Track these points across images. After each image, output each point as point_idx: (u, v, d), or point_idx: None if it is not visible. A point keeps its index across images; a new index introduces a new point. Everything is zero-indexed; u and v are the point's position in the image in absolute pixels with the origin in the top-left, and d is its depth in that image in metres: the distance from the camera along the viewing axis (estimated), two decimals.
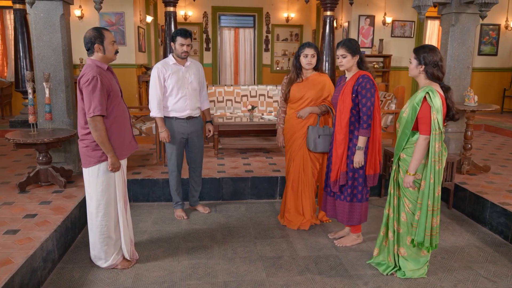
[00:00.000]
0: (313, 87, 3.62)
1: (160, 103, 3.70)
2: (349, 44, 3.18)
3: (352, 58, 3.18)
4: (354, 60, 3.19)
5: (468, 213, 4.15)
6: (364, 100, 3.11)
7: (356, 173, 3.26)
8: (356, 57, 3.19)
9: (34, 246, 2.82)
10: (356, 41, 3.25)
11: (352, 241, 3.50)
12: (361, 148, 3.16)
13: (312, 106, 3.63)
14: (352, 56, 3.17)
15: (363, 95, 3.11)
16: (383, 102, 5.84)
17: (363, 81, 3.13)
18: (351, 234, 3.53)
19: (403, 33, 9.53)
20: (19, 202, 3.69)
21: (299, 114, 3.63)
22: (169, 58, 3.75)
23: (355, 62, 3.21)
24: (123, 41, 8.62)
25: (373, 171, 3.26)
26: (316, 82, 3.63)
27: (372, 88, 3.11)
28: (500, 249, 3.46)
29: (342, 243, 3.48)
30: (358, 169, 3.25)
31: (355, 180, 3.28)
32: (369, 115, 3.11)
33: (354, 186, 3.30)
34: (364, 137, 3.15)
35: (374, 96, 3.12)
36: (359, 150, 3.17)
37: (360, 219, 3.37)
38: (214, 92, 6.75)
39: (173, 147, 3.83)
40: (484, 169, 4.80)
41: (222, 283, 2.89)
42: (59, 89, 4.46)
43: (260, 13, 12.06)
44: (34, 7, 4.24)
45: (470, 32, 4.99)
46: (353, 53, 3.17)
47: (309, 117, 3.65)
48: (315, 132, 3.58)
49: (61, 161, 4.53)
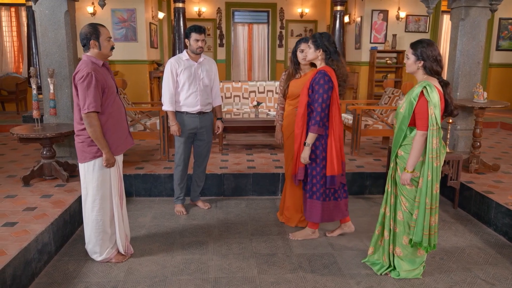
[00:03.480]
0: None
1: (172, 97, 3.74)
2: (314, 37, 3.15)
3: (314, 51, 3.15)
4: (316, 54, 3.15)
5: (473, 213, 4.03)
6: (316, 96, 3.08)
7: (313, 170, 3.23)
8: (318, 51, 3.14)
9: (29, 238, 2.88)
10: (324, 36, 3.16)
11: (305, 235, 3.46)
12: (308, 144, 3.13)
13: None
14: (314, 49, 3.15)
15: (316, 91, 3.08)
16: (391, 98, 5.72)
17: (318, 76, 3.09)
18: (307, 228, 3.48)
19: (418, 28, 9.32)
20: (21, 195, 3.78)
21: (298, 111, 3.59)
22: (183, 54, 3.79)
23: (318, 56, 3.16)
24: (134, 38, 8.71)
25: (332, 172, 3.17)
26: None
27: (325, 84, 3.06)
28: (503, 250, 3.35)
29: (295, 236, 3.46)
30: (315, 166, 3.21)
31: (313, 177, 3.25)
32: (319, 111, 3.08)
33: (312, 183, 3.27)
34: (312, 134, 3.12)
35: (327, 93, 3.06)
36: (306, 147, 3.15)
37: (312, 216, 3.33)
38: (222, 88, 6.74)
39: (182, 140, 3.86)
40: (493, 168, 4.66)
41: (212, 279, 2.88)
42: (64, 85, 4.53)
43: (274, 9, 11.99)
44: (39, 4, 4.31)
45: (480, 26, 4.83)
46: (316, 47, 3.13)
47: None
48: None
49: (65, 155, 4.61)
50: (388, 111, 5.48)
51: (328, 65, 3.16)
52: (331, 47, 3.14)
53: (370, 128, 5.40)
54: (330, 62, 3.16)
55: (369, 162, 5.02)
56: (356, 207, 4.26)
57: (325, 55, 3.16)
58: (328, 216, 3.34)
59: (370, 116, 5.96)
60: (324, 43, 3.13)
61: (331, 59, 3.15)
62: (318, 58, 3.18)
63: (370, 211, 4.18)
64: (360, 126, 5.26)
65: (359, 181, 4.62)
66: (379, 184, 4.63)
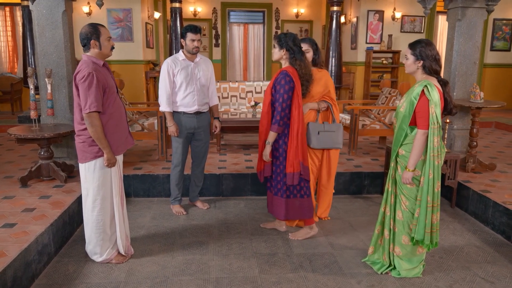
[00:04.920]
0: (312, 83, 3.54)
1: (169, 98, 3.73)
2: (278, 38, 3.24)
3: (279, 51, 3.22)
4: (280, 54, 3.24)
5: (470, 212, 4.07)
6: (278, 95, 3.18)
7: (277, 168, 3.33)
8: (282, 51, 3.22)
9: (29, 239, 2.86)
10: (289, 36, 3.23)
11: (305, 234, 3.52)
12: (269, 142, 3.25)
13: (312, 102, 3.59)
14: (279, 49, 3.21)
15: (277, 91, 3.19)
16: (388, 98, 5.75)
17: (279, 76, 3.20)
18: (305, 227, 3.55)
19: (413, 29, 9.37)
20: (19, 196, 3.75)
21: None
22: (179, 54, 3.78)
23: (283, 56, 3.25)
24: (130, 38, 8.67)
25: (292, 170, 3.25)
26: (315, 77, 3.55)
27: (286, 85, 3.15)
28: (501, 249, 3.39)
29: (295, 236, 3.52)
30: (279, 164, 3.31)
31: (277, 175, 3.35)
32: (279, 111, 3.16)
33: (277, 181, 3.36)
34: (273, 133, 3.21)
35: (287, 93, 3.16)
36: (267, 145, 3.26)
37: (279, 214, 3.41)
38: (219, 88, 6.72)
39: (180, 141, 3.85)
40: (489, 167, 4.70)
41: (214, 279, 2.88)
42: (61, 85, 4.50)
43: (269, 9, 12.00)
44: (36, 4, 4.28)
45: (477, 26, 4.87)
46: (280, 46, 3.22)
47: (309, 114, 3.60)
48: (315, 129, 3.54)
49: (63, 156, 4.59)
50: (386, 111, 5.51)
51: (292, 64, 3.25)
52: (295, 47, 3.23)
53: (368, 128, 5.43)
54: (293, 62, 3.24)
55: (366, 162, 5.04)
56: (354, 207, 4.28)
57: (289, 55, 3.24)
58: (293, 214, 3.41)
59: (367, 116, 5.98)
60: (288, 43, 3.22)
61: (295, 59, 3.23)
62: (282, 57, 3.27)
63: (368, 210, 4.20)
64: (357, 126, 5.28)
65: (357, 180, 4.64)
66: (377, 183, 4.66)
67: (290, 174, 3.26)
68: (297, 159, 3.25)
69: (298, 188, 3.35)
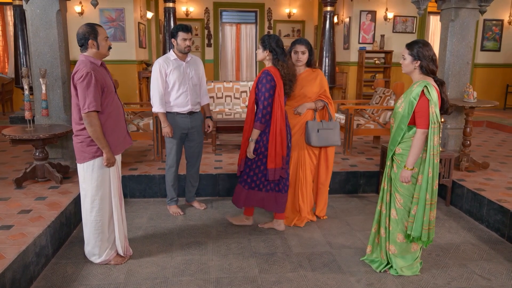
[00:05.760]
0: (308, 84, 3.61)
1: (162, 98, 3.71)
2: (263, 39, 3.34)
3: (262, 52, 3.33)
4: (264, 55, 3.34)
5: (465, 210, 4.12)
6: (259, 94, 3.29)
7: (254, 164, 3.43)
8: (266, 52, 3.33)
9: (27, 241, 2.83)
10: (272, 38, 3.33)
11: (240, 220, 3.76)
12: (252, 140, 3.36)
13: (309, 102, 3.64)
14: (262, 50, 3.33)
15: (259, 90, 3.30)
16: (382, 98, 5.80)
17: (261, 76, 3.30)
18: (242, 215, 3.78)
19: (405, 29, 9.45)
20: (15, 197, 3.71)
21: (296, 111, 3.64)
22: (169, 54, 3.75)
23: (266, 57, 3.35)
24: (123, 37, 8.61)
25: (273, 165, 3.36)
26: (309, 78, 3.63)
27: (268, 83, 3.26)
28: (496, 246, 3.44)
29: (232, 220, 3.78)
30: (256, 160, 3.41)
31: (251, 169, 3.46)
32: (261, 109, 3.28)
33: (248, 175, 3.48)
34: (256, 130, 3.33)
35: (269, 91, 3.26)
36: (251, 142, 3.37)
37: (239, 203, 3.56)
38: (213, 88, 6.72)
39: (174, 142, 3.83)
40: (483, 166, 4.76)
41: (214, 279, 2.88)
42: (56, 85, 4.46)
43: (262, 9, 12.01)
44: (30, 3, 4.24)
45: (469, 27, 4.93)
46: (264, 48, 3.32)
47: (306, 113, 3.67)
48: (315, 127, 3.60)
49: (58, 157, 4.55)
50: (380, 111, 5.55)
51: (274, 65, 3.33)
52: (278, 49, 3.32)
53: (362, 127, 5.46)
54: (276, 63, 3.32)
55: (362, 161, 5.08)
56: (350, 206, 4.31)
57: (272, 56, 3.33)
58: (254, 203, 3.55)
59: (361, 115, 6.02)
60: (271, 45, 3.31)
61: (277, 60, 3.31)
62: (266, 58, 3.36)
63: (365, 209, 4.24)
64: (352, 126, 5.31)
65: (353, 180, 4.67)
66: (372, 182, 4.69)
67: (272, 170, 3.37)
68: (279, 155, 3.35)
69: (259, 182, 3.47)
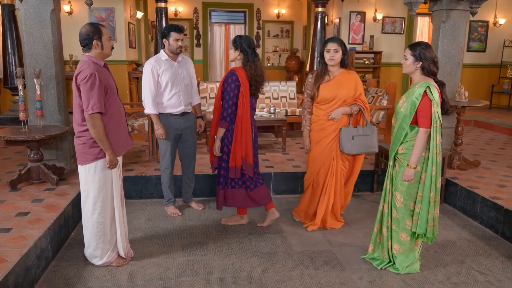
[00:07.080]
0: (344, 87, 3.43)
1: (154, 99, 3.68)
2: (235, 39, 3.40)
3: (234, 52, 3.40)
4: (235, 55, 3.40)
5: (459, 207, 4.21)
6: (225, 93, 3.37)
7: (223, 162, 3.52)
8: (237, 52, 3.38)
9: (27, 244, 2.79)
10: (244, 39, 3.37)
11: (235, 220, 3.82)
12: (217, 137, 3.46)
13: (344, 107, 3.47)
14: (234, 50, 3.39)
15: (224, 89, 3.37)
16: (375, 98, 5.87)
17: (227, 76, 3.37)
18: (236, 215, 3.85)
19: (394, 30, 9.59)
20: (10, 200, 3.65)
21: (331, 116, 3.46)
22: (161, 54, 3.72)
23: (237, 57, 3.41)
24: (113, 37, 8.53)
25: (234, 164, 3.44)
26: (346, 80, 3.45)
27: (233, 83, 3.33)
28: (491, 242, 3.52)
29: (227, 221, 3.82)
30: (224, 158, 3.50)
31: (221, 168, 3.56)
32: (226, 108, 3.35)
33: (220, 174, 3.58)
34: (220, 128, 3.42)
35: (233, 91, 3.33)
36: (216, 140, 3.47)
37: (219, 204, 3.63)
38: (206, 88, 6.72)
39: (168, 143, 3.81)
40: (474, 164, 4.87)
41: (218, 279, 2.89)
42: (50, 86, 4.40)
43: (251, 9, 12.04)
44: (24, 3, 4.17)
45: (460, 28, 5.04)
46: (235, 48, 3.38)
47: (340, 119, 3.50)
48: (349, 134, 3.46)
49: (52, 158, 4.49)
50: (373, 110, 5.62)
51: (244, 65, 3.39)
52: (249, 49, 3.38)
53: None
54: (246, 63, 3.38)
55: None
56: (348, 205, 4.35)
57: (243, 57, 3.39)
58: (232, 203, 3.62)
59: None
60: (242, 45, 3.37)
61: (247, 60, 3.37)
62: (237, 58, 3.43)
63: (361, 208, 4.29)
64: None
65: None
66: (367, 181, 4.75)
67: (232, 168, 3.45)
68: (239, 155, 3.41)
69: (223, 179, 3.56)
